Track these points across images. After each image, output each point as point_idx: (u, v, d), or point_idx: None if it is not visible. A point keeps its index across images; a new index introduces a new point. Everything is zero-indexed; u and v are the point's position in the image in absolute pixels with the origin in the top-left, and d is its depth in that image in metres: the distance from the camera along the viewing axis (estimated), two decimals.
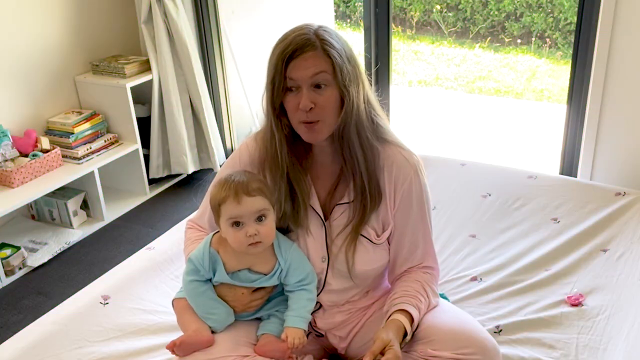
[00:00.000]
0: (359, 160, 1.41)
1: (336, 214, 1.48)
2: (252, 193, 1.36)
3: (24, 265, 2.78)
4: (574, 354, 1.59)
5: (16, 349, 1.65)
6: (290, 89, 1.35)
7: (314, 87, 1.34)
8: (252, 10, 3.95)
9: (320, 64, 1.33)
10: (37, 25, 3.01)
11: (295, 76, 1.33)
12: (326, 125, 1.37)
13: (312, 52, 1.32)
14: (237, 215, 1.36)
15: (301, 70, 1.32)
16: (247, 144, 1.54)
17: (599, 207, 2.21)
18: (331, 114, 1.36)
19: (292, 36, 1.34)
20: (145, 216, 3.21)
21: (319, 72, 1.33)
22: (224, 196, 1.36)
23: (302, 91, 1.33)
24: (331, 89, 1.35)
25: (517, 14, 5.76)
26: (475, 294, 1.85)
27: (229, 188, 1.36)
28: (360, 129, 1.40)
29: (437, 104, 5.21)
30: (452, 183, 2.45)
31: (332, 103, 1.35)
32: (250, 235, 1.36)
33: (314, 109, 1.34)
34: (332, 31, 1.37)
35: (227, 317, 1.45)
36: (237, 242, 1.38)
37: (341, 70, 1.33)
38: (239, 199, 1.35)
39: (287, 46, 1.33)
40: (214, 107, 3.48)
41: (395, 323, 1.36)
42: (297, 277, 1.45)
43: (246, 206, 1.35)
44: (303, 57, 1.32)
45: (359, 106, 1.39)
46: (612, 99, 2.46)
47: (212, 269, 1.44)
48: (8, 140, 2.85)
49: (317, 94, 1.34)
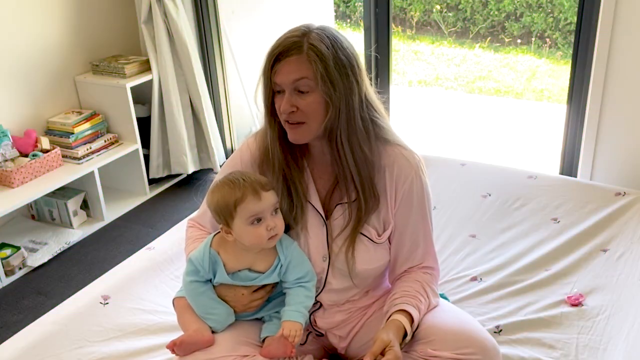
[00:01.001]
0: (349, 165, 1.40)
1: (337, 213, 1.48)
2: (266, 187, 1.39)
3: (24, 265, 2.78)
4: (574, 354, 1.59)
5: (16, 349, 1.65)
6: (278, 91, 1.36)
7: (297, 91, 1.34)
8: (252, 10, 3.96)
9: (302, 70, 1.31)
10: (37, 25, 3.01)
11: (279, 80, 1.34)
12: (310, 128, 1.37)
13: (297, 56, 1.31)
14: (259, 211, 1.37)
15: (283, 75, 1.33)
16: (248, 144, 1.55)
17: (599, 207, 2.21)
18: (315, 117, 1.36)
19: (283, 37, 1.34)
20: (145, 216, 3.21)
21: (299, 78, 1.32)
22: (240, 196, 1.36)
23: (285, 94, 1.34)
24: (314, 95, 1.34)
25: (517, 14, 5.76)
26: (475, 294, 1.85)
27: (244, 187, 1.36)
28: (352, 134, 1.38)
29: (437, 104, 5.21)
30: (452, 183, 2.45)
31: (315, 108, 1.34)
32: (270, 229, 1.38)
33: (297, 112, 1.34)
34: (329, 34, 1.34)
35: (227, 317, 1.45)
36: (258, 237, 1.38)
37: (323, 79, 1.31)
38: (259, 195, 1.36)
39: (275, 48, 1.34)
40: (214, 107, 3.48)
41: (395, 323, 1.36)
42: (297, 275, 1.45)
43: (266, 201, 1.37)
44: (287, 61, 1.32)
45: (350, 112, 1.36)
46: (612, 99, 2.46)
47: (213, 270, 1.44)
48: (8, 140, 2.85)
49: (300, 98, 1.34)
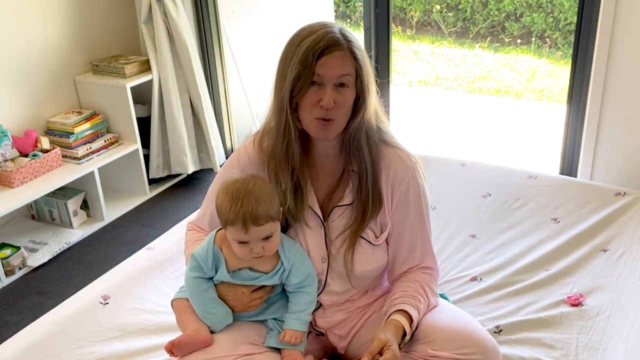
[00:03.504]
0: (367, 164, 1.43)
1: (335, 215, 1.48)
2: (260, 222, 1.33)
3: (24, 265, 2.78)
4: (574, 354, 1.59)
5: (16, 349, 1.65)
6: (312, 83, 1.35)
7: (338, 86, 1.35)
8: (252, 10, 3.96)
9: (347, 66, 1.34)
10: (37, 25, 3.01)
11: (324, 73, 1.33)
12: (338, 124, 1.39)
13: (341, 52, 1.34)
14: (245, 240, 1.36)
15: (330, 69, 1.33)
16: (245, 146, 1.54)
17: (599, 207, 2.21)
18: (345, 114, 1.38)
19: (321, 32, 1.34)
20: (145, 216, 3.21)
21: (345, 73, 1.34)
22: (231, 220, 1.34)
23: (326, 88, 1.34)
24: (351, 91, 1.37)
25: (517, 14, 5.76)
26: (475, 294, 1.85)
27: (237, 214, 1.32)
28: (370, 132, 1.43)
29: (437, 104, 5.20)
30: (452, 183, 2.45)
31: (349, 104, 1.38)
32: (256, 252, 1.37)
33: (333, 108, 1.35)
34: (353, 33, 1.39)
35: (225, 318, 1.45)
36: (241, 254, 1.39)
37: (363, 75, 1.36)
38: (247, 228, 1.33)
39: (317, 41, 1.33)
40: (214, 107, 3.48)
41: (394, 323, 1.36)
42: (299, 278, 1.45)
43: (253, 234, 1.35)
44: (333, 55, 1.33)
45: (372, 110, 1.42)
46: (612, 99, 2.46)
47: (215, 267, 1.44)
48: (8, 140, 2.85)
49: (339, 94, 1.35)
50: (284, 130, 1.41)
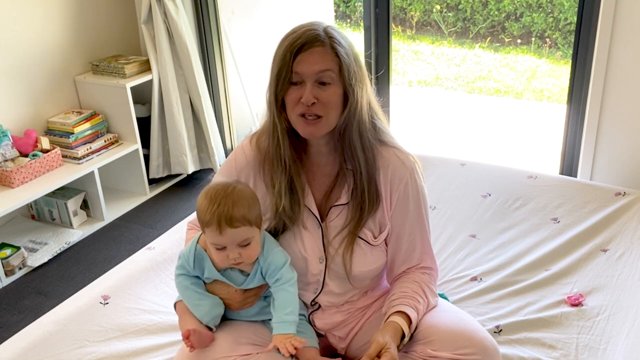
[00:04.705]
0: (360, 162, 1.42)
1: (332, 215, 1.48)
2: (235, 224, 1.32)
3: (24, 265, 2.78)
4: (574, 354, 1.59)
5: (16, 349, 1.65)
6: (294, 83, 1.35)
7: (319, 83, 1.34)
8: (252, 10, 3.96)
9: (327, 62, 1.33)
10: (37, 25, 3.01)
11: (301, 70, 1.33)
12: (327, 122, 1.37)
13: (320, 48, 1.33)
14: (220, 243, 1.35)
15: (307, 65, 1.33)
16: (242, 147, 1.54)
17: (599, 207, 2.21)
18: (333, 111, 1.37)
19: (302, 30, 1.35)
20: (145, 216, 3.21)
21: (325, 69, 1.33)
22: (207, 221, 1.33)
23: (306, 85, 1.33)
24: (335, 87, 1.35)
25: (517, 14, 5.77)
26: (475, 294, 1.85)
27: (212, 214, 1.32)
28: (363, 129, 1.41)
29: (437, 104, 5.21)
30: (452, 183, 2.45)
31: (335, 101, 1.36)
32: (232, 259, 1.36)
33: (316, 105, 1.34)
34: (340, 31, 1.38)
35: (213, 308, 1.45)
36: (219, 261, 1.39)
37: (347, 70, 1.34)
38: (221, 229, 1.32)
39: (296, 39, 1.33)
40: (214, 107, 3.48)
41: (393, 325, 1.36)
42: (274, 277, 1.44)
43: (228, 237, 1.34)
44: (310, 51, 1.32)
45: (362, 107, 1.39)
46: (612, 99, 2.46)
47: (199, 267, 1.45)
48: (8, 140, 2.85)
49: (321, 90, 1.34)
50: (272, 129, 1.42)
